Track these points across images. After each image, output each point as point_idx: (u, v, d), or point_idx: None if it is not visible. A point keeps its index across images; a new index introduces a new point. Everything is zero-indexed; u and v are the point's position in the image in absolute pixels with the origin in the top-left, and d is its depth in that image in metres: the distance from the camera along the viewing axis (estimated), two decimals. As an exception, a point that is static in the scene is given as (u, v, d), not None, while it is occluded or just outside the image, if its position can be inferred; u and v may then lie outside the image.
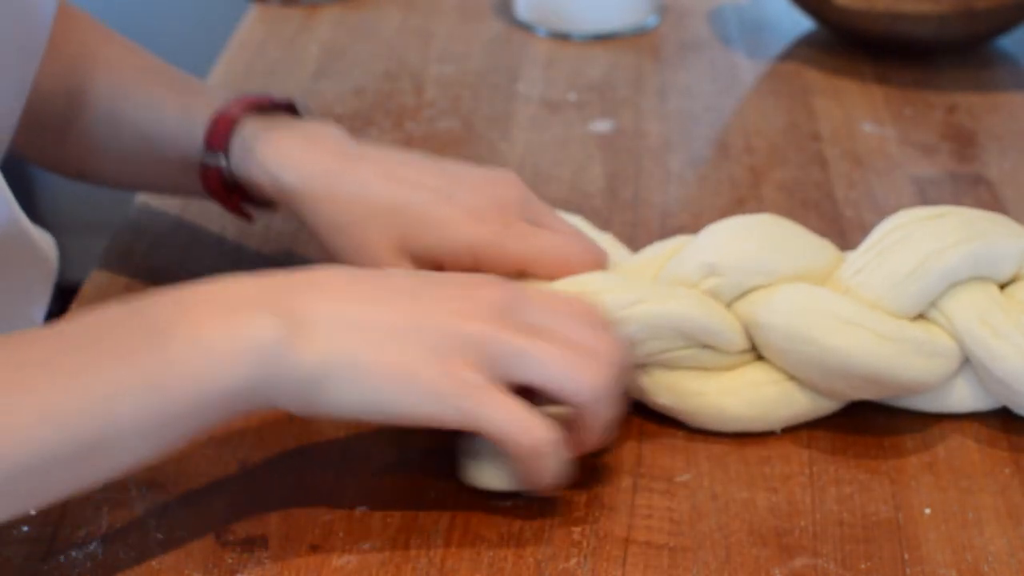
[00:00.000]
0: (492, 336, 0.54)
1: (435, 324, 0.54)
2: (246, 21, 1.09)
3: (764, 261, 0.63)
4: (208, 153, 0.69)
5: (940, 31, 0.96)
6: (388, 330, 0.54)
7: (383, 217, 0.65)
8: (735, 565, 0.56)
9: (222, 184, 0.70)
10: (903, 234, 0.63)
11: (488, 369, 0.54)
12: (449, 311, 0.55)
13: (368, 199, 0.66)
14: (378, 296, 0.56)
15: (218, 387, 0.52)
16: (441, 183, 0.66)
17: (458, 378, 0.54)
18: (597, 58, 1.02)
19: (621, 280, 0.63)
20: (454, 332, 0.54)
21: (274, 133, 0.68)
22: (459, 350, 0.54)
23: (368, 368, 0.53)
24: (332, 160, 0.67)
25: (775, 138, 0.90)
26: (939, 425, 0.64)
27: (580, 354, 0.55)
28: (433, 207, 0.65)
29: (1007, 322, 0.61)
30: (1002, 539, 0.57)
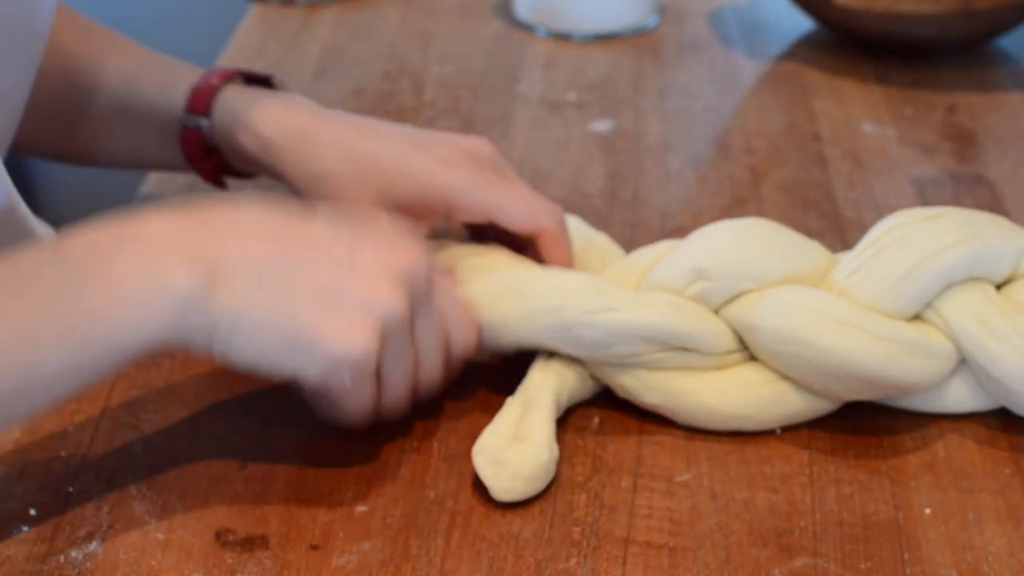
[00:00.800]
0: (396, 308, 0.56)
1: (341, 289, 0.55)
2: (246, 21, 1.09)
3: (753, 265, 0.63)
4: (189, 116, 0.72)
5: (940, 31, 0.96)
6: (300, 290, 0.55)
7: (361, 167, 0.68)
8: (735, 565, 0.56)
9: (202, 148, 0.73)
10: (899, 235, 0.63)
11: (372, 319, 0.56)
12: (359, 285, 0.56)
13: (346, 150, 0.68)
14: (297, 250, 0.56)
15: (135, 335, 0.53)
16: (415, 138, 0.70)
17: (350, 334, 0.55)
18: (597, 58, 1.02)
19: (596, 284, 0.63)
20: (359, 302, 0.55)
21: (254, 97, 0.72)
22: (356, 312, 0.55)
23: (274, 327, 0.55)
24: (310, 118, 0.70)
25: (775, 138, 0.90)
26: (938, 425, 0.64)
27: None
28: (409, 156, 0.68)
29: (1004, 322, 0.61)
30: (1002, 539, 0.57)
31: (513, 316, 0.62)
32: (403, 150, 0.68)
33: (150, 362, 0.68)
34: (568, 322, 0.61)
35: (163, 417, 0.65)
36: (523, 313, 0.62)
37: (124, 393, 0.66)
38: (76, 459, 0.62)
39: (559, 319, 0.62)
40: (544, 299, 0.62)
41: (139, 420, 0.64)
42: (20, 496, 0.60)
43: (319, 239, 0.57)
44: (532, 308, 0.62)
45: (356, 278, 0.56)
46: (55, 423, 0.64)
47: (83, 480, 0.61)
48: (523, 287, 0.63)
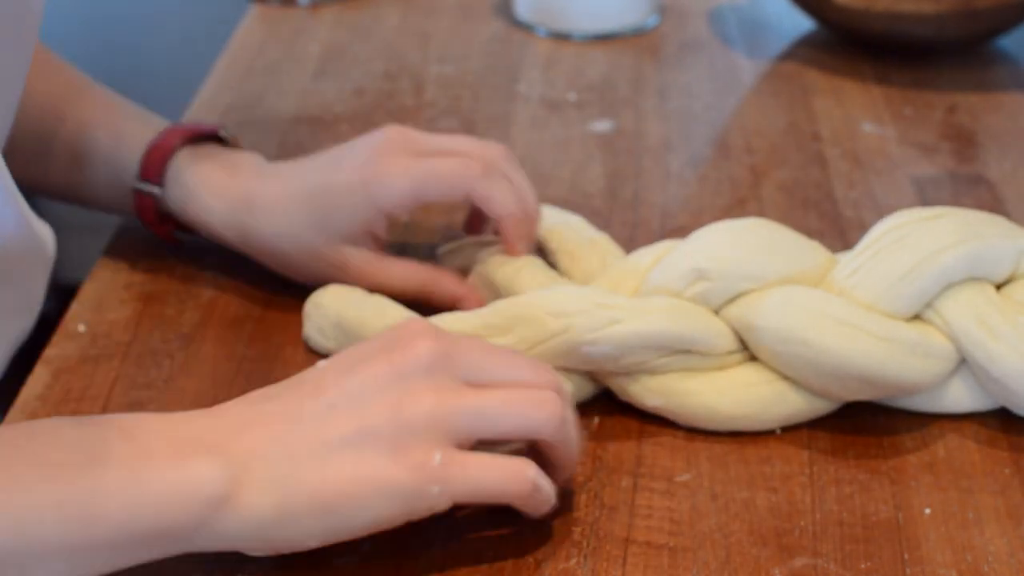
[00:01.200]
0: (442, 410, 0.53)
1: (380, 421, 0.52)
2: (246, 21, 1.09)
3: (753, 265, 0.63)
4: (143, 183, 0.73)
5: (940, 31, 0.96)
6: (334, 446, 0.52)
7: (303, 216, 0.69)
8: (735, 565, 0.56)
9: (156, 214, 0.73)
10: (899, 235, 0.63)
11: (449, 440, 0.53)
12: (388, 401, 0.53)
13: (284, 206, 0.69)
14: (315, 410, 0.53)
15: (153, 524, 0.50)
16: (331, 158, 0.71)
17: (422, 466, 0.52)
18: (597, 58, 1.02)
19: (596, 298, 0.62)
20: (402, 422, 0.53)
21: (201, 168, 0.72)
22: (413, 436, 0.52)
23: (324, 492, 0.52)
24: (250, 183, 0.71)
25: (775, 138, 0.90)
26: (938, 425, 0.64)
27: (528, 391, 0.55)
28: (329, 181, 0.69)
29: (1004, 323, 0.61)
30: (1002, 539, 0.57)
31: (519, 345, 0.62)
32: (326, 176, 0.69)
33: (150, 362, 0.68)
34: (575, 343, 0.61)
35: (163, 417, 0.65)
36: (530, 342, 0.62)
37: (124, 393, 0.66)
38: (76, 459, 0.62)
39: (565, 341, 0.61)
40: (547, 325, 0.62)
41: (139, 420, 0.64)
42: (20, 496, 0.60)
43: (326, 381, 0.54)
44: (537, 337, 0.62)
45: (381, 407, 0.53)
46: (55, 423, 0.64)
47: (83, 480, 0.61)
48: (524, 315, 0.62)
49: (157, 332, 0.71)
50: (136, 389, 0.66)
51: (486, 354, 0.56)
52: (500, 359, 0.56)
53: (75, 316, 0.72)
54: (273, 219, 0.70)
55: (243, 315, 0.72)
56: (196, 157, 0.72)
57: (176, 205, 0.72)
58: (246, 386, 0.66)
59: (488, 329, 0.63)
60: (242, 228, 0.71)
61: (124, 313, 0.72)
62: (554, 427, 0.55)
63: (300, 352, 0.69)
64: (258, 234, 0.70)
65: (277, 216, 0.70)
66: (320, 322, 0.68)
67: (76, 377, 0.67)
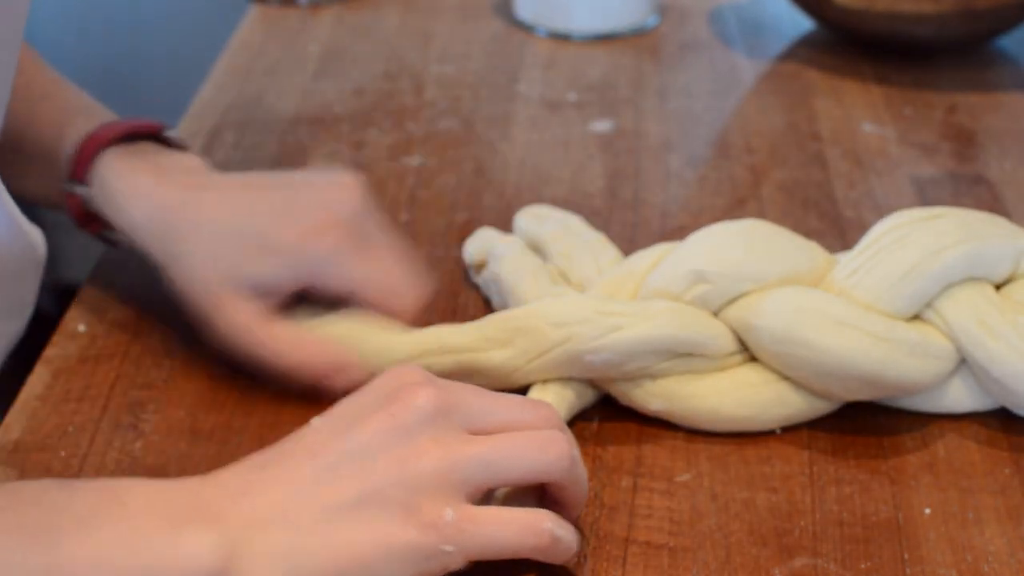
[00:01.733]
0: (449, 463, 0.51)
1: (386, 480, 0.50)
2: (246, 21, 1.09)
3: (753, 266, 0.63)
4: (70, 182, 0.69)
5: (940, 31, 0.96)
6: (341, 508, 0.50)
7: (222, 246, 0.64)
8: (735, 565, 0.56)
9: (83, 212, 0.70)
10: (899, 235, 0.63)
11: (459, 494, 0.51)
12: (392, 459, 0.50)
13: (208, 229, 0.65)
14: (316, 473, 0.50)
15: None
16: (284, 204, 0.66)
17: (434, 525, 0.50)
18: (597, 58, 1.02)
19: (596, 305, 0.62)
20: (409, 479, 0.50)
21: (129, 167, 0.67)
22: (422, 494, 0.50)
23: (334, 561, 0.49)
24: (177, 193, 0.66)
25: (775, 138, 0.90)
26: (938, 425, 0.64)
27: (533, 433, 0.53)
28: (272, 231, 0.64)
29: (1004, 323, 0.61)
30: (1002, 539, 0.57)
31: (521, 357, 0.62)
32: (266, 224, 0.65)
33: (150, 362, 0.68)
34: (578, 352, 0.61)
35: (163, 417, 0.65)
36: (532, 354, 0.62)
37: (124, 393, 0.66)
38: (76, 459, 0.62)
39: (568, 351, 0.61)
40: (549, 336, 0.61)
41: (139, 420, 0.64)
42: (20, 496, 0.60)
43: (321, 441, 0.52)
44: (539, 347, 0.61)
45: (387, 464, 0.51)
46: (55, 423, 0.64)
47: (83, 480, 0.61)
48: (524, 327, 0.62)
49: (157, 332, 0.71)
50: (136, 389, 0.66)
51: (484, 398, 0.54)
52: (499, 402, 0.54)
53: (75, 316, 0.72)
54: (189, 240, 0.65)
55: (243, 315, 0.72)
56: (125, 157, 0.68)
57: (101, 207, 0.68)
58: (246, 386, 0.66)
59: (487, 342, 0.62)
60: (159, 240, 0.66)
61: (124, 313, 0.72)
62: (564, 468, 0.53)
63: (300, 352, 0.69)
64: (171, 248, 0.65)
65: (195, 237, 0.65)
66: None
67: (76, 377, 0.67)
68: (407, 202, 0.82)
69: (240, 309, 0.64)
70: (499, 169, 0.86)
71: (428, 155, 0.88)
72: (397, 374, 0.54)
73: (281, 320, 0.65)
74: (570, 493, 0.54)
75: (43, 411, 0.65)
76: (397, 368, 0.54)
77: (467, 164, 0.86)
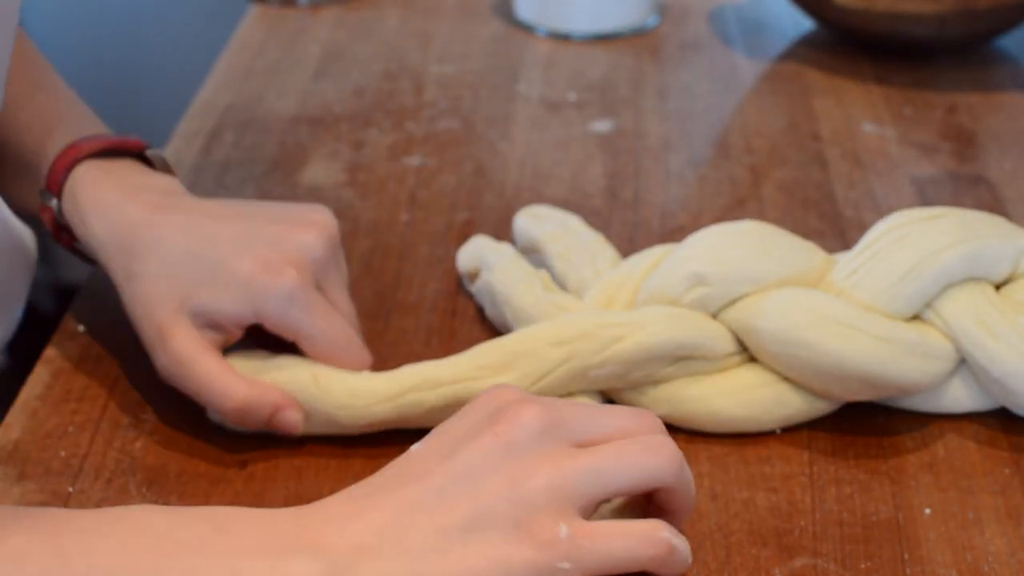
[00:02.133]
0: (560, 478, 0.50)
1: (498, 499, 0.49)
2: (246, 21, 1.09)
3: (752, 268, 0.63)
4: (44, 193, 0.67)
5: (940, 31, 0.96)
6: (453, 531, 0.48)
7: (174, 270, 0.62)
8: (735, 565, 0.56)
9: (56, 226, 0.68)
10: (898, 235, 0.63)
11: (572, 509, 0.50)
12: (502, 478, 0.49)
13: (164, 251, 0.63)
14: (424, 497, 0.49)
15: None
16: (247, 234, 0.63)
17: (551, 543, 0.48)
18: (597, 58, 1.02)
19: (595, 318, 0.62)
20: (521, 498, 0.49)
21: (98, 182, 0.66)
22: (535, 511, 0.49)
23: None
24: (141, 212, 0.64)
25: (775, 138, 0.90)
26: (938, 425, 0.64)
27: (639, 439, 0.52)
28: (228, 262, 0.62)
29: (1003, 323, 0.61)
30: (1002, 539, 0.57)
31: (523, 381, 0.61)
32: (224, 254, 0.62)
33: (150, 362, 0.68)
34: (581, 368, 0.61)
35: (163, 417, 0.65)
36: (534, 376, 0.61)
37: (124, 393, 0.66)
38: (76, 459, 0.62)
39: (570, 369, 0.61)
40: (550, 356, 0.61)
41: (139, 420, 0.64)
42: (20, 496, 0.60)
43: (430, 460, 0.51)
44: (541, 370, 0.61)
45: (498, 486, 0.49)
46: (55, 423, 0.64)
47: (83, 480, 0.61)
48: (523, 350, 0.61)
49: (157, 332, 0.71)
50: (136, 389, 0.66)
51: (587, 410, 0.53)
52: (601, 413, 0.53)
53: (75, 316, 0.72)
54: (143, 261, 0.63)
55: (243, 315, 0.72)
56: (99, 171, 0.66)
57: (68, 219, 0.67)
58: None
59: (482, 370, 0.61)
60: (115, 258, 0.64)
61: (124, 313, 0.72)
62: (674, 471, 0.51)
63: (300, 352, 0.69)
64: (125, 268, 0.64)
65: (150, 259, 0.63)
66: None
67: (76, 377, 0.67)
68: (407, 202, 0.82)
69: (185, 338, 0.61)
70: (499, 169, 0.86)
71: (428, 155, 0.88)
72: (493, 395, 0.53)
73: (224, 358, 0.62)
74: (680, 497, 0.53)
75: (43, 411, 0.65)
76: (491, 389, 0.53)
77: (467, 164, 0.86)
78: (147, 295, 0.62)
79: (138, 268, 0.63)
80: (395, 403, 0.60)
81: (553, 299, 0.66)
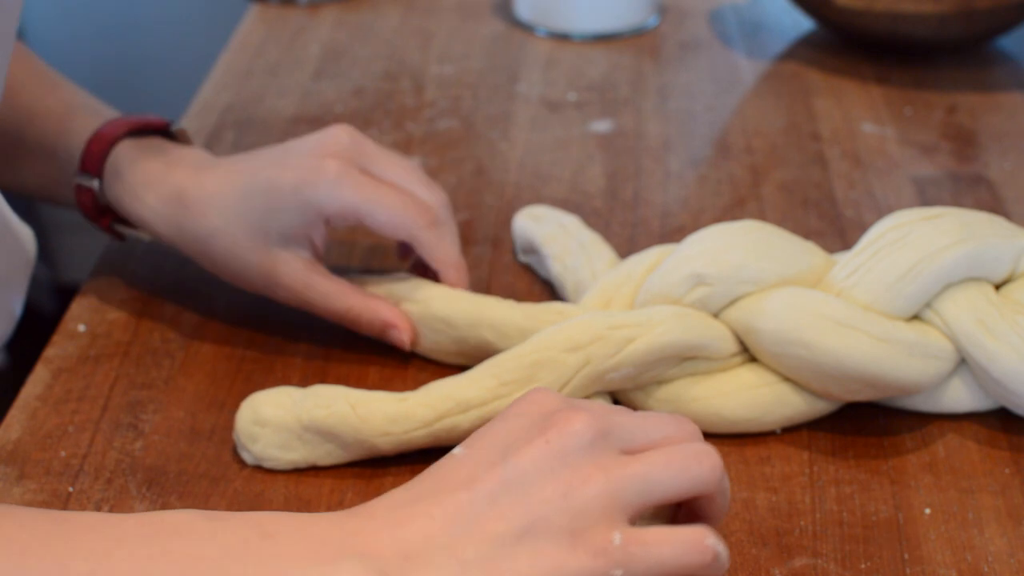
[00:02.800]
0: (613, 486, 0.49)
1: (551, 507, 0.48)
2: (246, 21, 1.09)
3: (752, 268, 0.63)
4: (82, 175, 0.70)
5: (940, 31, 0.96)
6: (506, 539, 0.48)
7: (238, 214, 0.66)
8: (735, 565, 0.56)
9: (95, 207, 0.71)
10: (898, 235, 0.63)
11: (624, 516, 0.49)
12: (555, 486, 0.49)
13: (218, 206, 0.67)
14: (474, 505, 0.48)
15: None
16: (279, 157, 0.68)
17: (604, 551, 0.48)
18: (597, 58, 1.02)
19: (606, 321, 0.62)
20: (574, 506, 0.48)
21: (138, 159, 0.69)
22: (589, 519, 0.48)
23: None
24: (187, 177, 0.68)
25: (775, 138, 0.90)
26: (939, 425, 0.64)
27: (684, 447, 0.51)
28: (276, 182, 0.66)
29: (1003, 322, 0.61)
30: (1002, 539, 0.57)
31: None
32: (268, 178, 0.67)
33: (150, 362, 0.68)
34: (599, 372, 0.61)
35: (163, 417, 0.65)
36: (556, 386, 0.61)
37: (124, 393, 0.66)
38: (76, 459, 0.62)
39: (589, 374, 0.61)
40: (568, 363, 0.61)
41: (139, 420, 0.64)
42: (20, 496, 0.60)
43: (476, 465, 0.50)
44: (563, 378, 0.61)
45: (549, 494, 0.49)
46: (55, 423, 0.64)
47: (83, 480, 0.61)
48: (541, 360, 0.61)
49: (157, 332, 0.71)
50: (136, 389, 0.66)
51: (633, 418, 0.52)
52: (647, 420, 0.53)
53: (75, 316, 0.72)
54: (207, 217, 0.67)
55: (243, 315, 0.72)
56: (137, 149, 0.70)
57: (113, 198, 0.70)
58: (246, 386, 0.66)
59: (507, 387, 0.61)
60: (176, 224, 0.68)
61: (124, 313, 0.72)
62: (717, 479, 0.51)
63: (300, 352, 0.69)
64: (192, 232, 0.68)
65: (211, 214, 0.67)
66: (277, 438, 0.61)
67: (76, 377, 0.67)
68: (407, 202, 0.82)
69: (290, 270, 0.67)
70: (499, 169, 0.86)
71: (428, 155, 0.88)
72: (535, 400, 0.52)
73: (321, 271, 0.67)
74: (718, 505, 0.53)
75: (43, 411, 0.65)
76: (530, 394, 0.53)
77: (467, 164, 0.87)
78: (229, 249, 0.67)
79: (203, 228, 0.67)
80: (431, 429, 0.60)
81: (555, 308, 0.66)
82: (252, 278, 0.68)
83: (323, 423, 0.60)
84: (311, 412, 0.61)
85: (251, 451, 0.61)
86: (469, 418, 0.60)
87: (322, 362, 0.68)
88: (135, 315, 0.72)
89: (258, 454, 0.61)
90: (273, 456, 0.61)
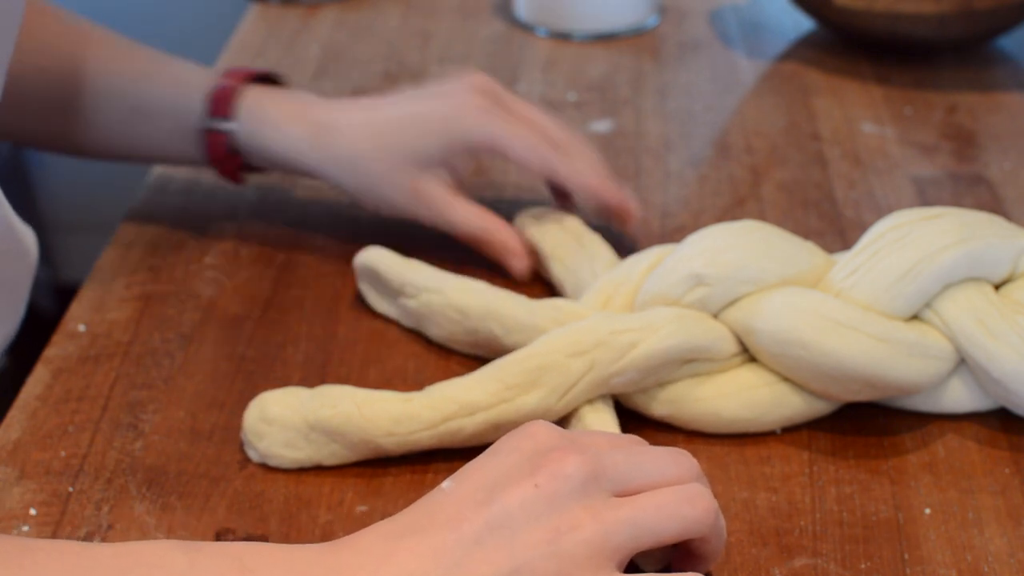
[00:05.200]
0: (602, 533, 0.49)
1: (535, 554, 0.48)
2: (246, 21, 1.09)
3: (752, 269, 0.63)
4: (214, 120, 0.74)
5: (940, 31, 0.96)
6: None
7: (384, 139, 0.72)
8: (735, 565, 0.56)
9: (226, 150, 0.75)
10: (898, 235, 0.63)
11: (612, 562, 0.49)
12: (542, 531, 0.48)
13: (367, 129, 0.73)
14: (459, 547, 0.48)
15: None
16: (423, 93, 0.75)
17: None
18: (597, 58, 1.02)
19: (609, 324, 0.62)
20: (561, 552, 0.48)
21: (273, 98, 0.75)
22: (575, 566, 0.48)
23: None
24: (326, 111, 0.74)
25: (775, 138, 0.90)
26: (938, 425, 0.64)
27: (678, 489, 0.51)
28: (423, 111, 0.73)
29: (1003, 322, 0.61)
30: (1002, 539, 0.57)
31: (552, 396, 0.61)
32: (415, 108, 0.73)
33: (150, 362, 0.68)
34: (603, 377, 0.61)
35: (163, 417, 0.65)
36: (561, 390, 0.61)
37: (124, 393, 0.66)
38: (76, 459, 0.62)
39: (593, 379, 0.61)
40: (572, 368, 0.60)
41: (139, 420, 0.64)
42: (20, 496, 0.60)
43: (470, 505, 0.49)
44: (567, 383, 0.61)
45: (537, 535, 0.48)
46: (55, 423, 0.64)
47: (83, 480, 0.61)
48: (545, 365, 0.61)
49: (157, 332, 0.71)
50: (136, 389, 0.66)
51: (630, 458, 0.52)
52: (644, 459, 0.52)
53: (75, 316, 0.72)
54: (357, 142, 0.72)
55: (243, 315, 0.72)
56: (265, 93, 0.75)
57: (249, 138, 0.74)
58: (246, 386, 0.66)
59: (512, 391, 0.61)
60: (324, 150, 0.73)
61: (124, 313, 0.72)
62: (710, 522, 0.51)
63: (300, 352, 0.69)
64: (341, 157, 0.73)
65: (360, 139, 0.72)
66: (283, 436, 0.61)
67: (76, 377, 0.67)
68: (407, 202, 0.82)
69: (436, 194, 0.72)
70: (499, 169, 0.86)
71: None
72: (528, 435, 0.51)
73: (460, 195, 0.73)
74: (712, 547, 0.52)
75: (43, 411, 0.65)
76: (524, 428, 0.52)
77: (467, 164, 0.86)
78: (378, 171, 0.72)
79: (352, 152, 0.73)
80: (436, 431, 0.60)
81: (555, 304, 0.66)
82: (396, 199, 0.73)
83: (328, 422, 0.60)
84: (317, 412, 0.61)
85: (257, 448, 0.61)
86: (475, 422, 0.60)
87: (322, 362, 0.68)
88: (135, 315, 0.72)
89: (263, 451, 0.61)
90: (278, 454, 0.61)
